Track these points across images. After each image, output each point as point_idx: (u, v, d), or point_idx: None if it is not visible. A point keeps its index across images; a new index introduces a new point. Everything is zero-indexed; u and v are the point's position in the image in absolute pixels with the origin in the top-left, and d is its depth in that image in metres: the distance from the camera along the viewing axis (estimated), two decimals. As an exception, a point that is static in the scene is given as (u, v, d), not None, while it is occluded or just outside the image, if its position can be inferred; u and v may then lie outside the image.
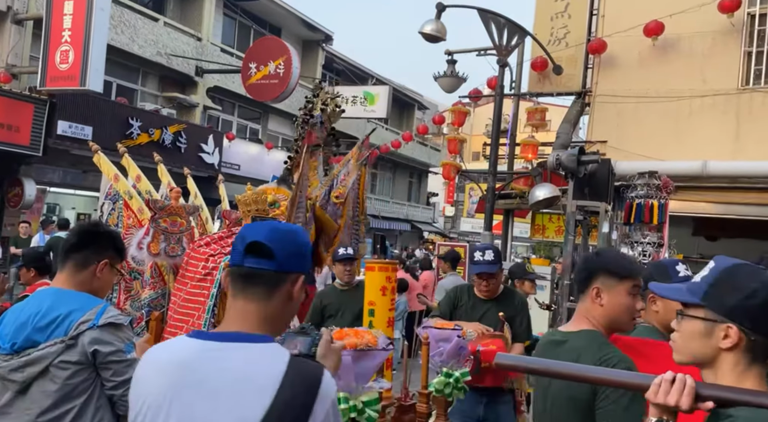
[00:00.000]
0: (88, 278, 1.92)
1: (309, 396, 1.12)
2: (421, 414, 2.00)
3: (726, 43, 7.35)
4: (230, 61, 15.05)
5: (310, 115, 2.72)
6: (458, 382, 2.15)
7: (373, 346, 1.58)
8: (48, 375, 1.75)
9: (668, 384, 1.15)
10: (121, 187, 2.79)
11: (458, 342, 2.21)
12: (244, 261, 1.23)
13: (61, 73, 9.34)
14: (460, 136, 8.80)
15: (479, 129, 26.28)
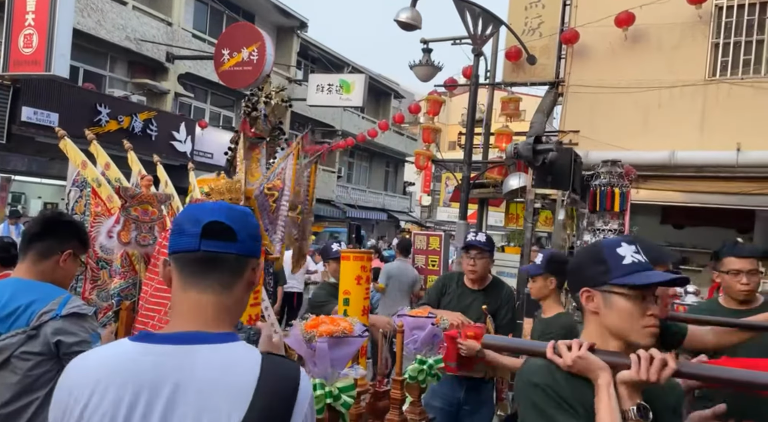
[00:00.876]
0: (50, 268, 1.87)
1: (287, 402, 0.99)
2: (395, 400, 2.03)
3: (694, 35, 7.51)
4: (202, 47, 14.74)
5: (254, 108, 2.71)
6: (432, 369, 2.18)
7: (348, 333, 1.59)
8: (9, 367, 1.71)
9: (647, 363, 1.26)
10: (89, 175, 2.72)
11: (432, 329, 2.24)
12: (200, 245, 1.04)
13: (25, 57, 9.03)
14: (435, 125, 8.82)
15: (455, 118, 26.38)
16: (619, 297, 1.35)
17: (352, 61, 21.43)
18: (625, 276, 1.35)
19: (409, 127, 25.77)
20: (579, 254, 1.49)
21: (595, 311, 1.39)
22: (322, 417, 1.57)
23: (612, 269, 1.36)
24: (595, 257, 1.40)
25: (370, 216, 24.07)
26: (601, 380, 1.28)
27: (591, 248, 1.46)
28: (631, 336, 1.35)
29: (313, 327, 1.59)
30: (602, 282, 1.37)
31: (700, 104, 7.41)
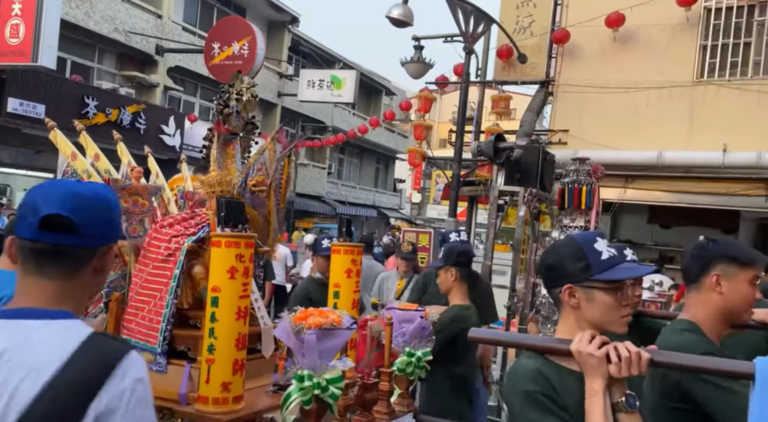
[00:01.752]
0: None
1: (101, 371, 0.97)
2: (383, 392, 2.06)
3: (683, 36, 7.59)
4: (192, 41, 14.62)
5: (226, 105, 2.75)
6: (420, 361, 2.22)
7: (337, 326, 1.61)
8: None
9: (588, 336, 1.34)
10: (79, 166, 2.69)
11: (421, 322, 2.27)
12: (38, 235, 1.01)
13: (11, 47, 8.89)
14: (426, 122, 8.84)
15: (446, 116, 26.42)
16: (601, 292, 1.41)
17: (344, 57, 21.37)
18: (605, 272, 1.40)
19: (399, 124, 25.78)
20: (555, 251, 1.50)
21: (576, 306, 1.43)
22: (310, 408, 1.59)
23: (593, 265, 1.41)
24: (574, 254, 1.43)
25: (360, 212, 24.07)
26: (597, 385, 1.31)
27: (568, 245, 1.48)
28: (611, 326, 1.42)
29: (301, 319, 1.61)
30: (584, 278, 1.41)
31: (688, 105, 7.50)
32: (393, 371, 2.12)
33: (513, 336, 1.59)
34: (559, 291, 1.44)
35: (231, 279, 1.75)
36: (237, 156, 2.83)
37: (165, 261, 2.18)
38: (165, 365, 2.06)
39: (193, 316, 2.18)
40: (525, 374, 1.37)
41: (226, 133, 2.73)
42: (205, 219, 2.32)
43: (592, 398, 1.30)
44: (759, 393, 1.25)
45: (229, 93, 2.78)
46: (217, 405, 1.72)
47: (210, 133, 2.82)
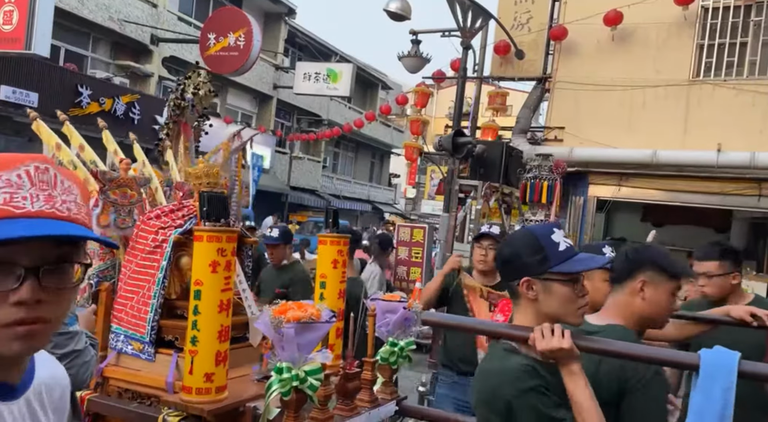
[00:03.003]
0: None
1: None
2: (366, 381, 2.07)
3: (680, 35, 7.59)
4: (188, 31, 14.51)
5: (182, 98, 2.77)
6: (403, 351, 2.24)
7: (316, 320, 1.62)
8: None
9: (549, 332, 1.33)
10: (64, 157, 2.68)
11: (403, 313, 2.29)
12: None
13: (5, 34, 8.79)
14: (422, 117, 8.81)
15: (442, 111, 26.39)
16: (558, 284, 1.40)
17: (340, 50, 21.28)
18: (562, 263, 1.40)
19: (395, 118, 25.73)
20: (511, 243, 1.49)
21: (534, 298, 1.41)
22: (289, 398, 1.61)
23: (550, 257, 1.40)
24: (531, 246, 1.42)
25: (354, 207, 24.06)
26: (575, 366, 1.32)
27: (525, 236, 1.46)
28: (568, 318, 1.42)
29: (281, 312, 1.62)
30: (542, 271, 1.40)
31: (684, 104, 7.52)
32: (376, 360, 2.13)
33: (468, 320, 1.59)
34: (516, 284, 1.43)
35: (213, 273, 1.75)
36: (190, 146, 2.89)
37: (152, 253, 2.17)
38: (153, 354, 2.06)
39: (181, 306, 2.18)
40: (520, 371, 1.34)
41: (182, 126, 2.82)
42: (192, 211, 2.31)
43: (573, 379, 1.31)
44: (702, 385, 1.29)
45: (186, 85, 2.84)
46: (200, 395, 1.73)
47: (166, 128, 2.87)
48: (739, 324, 2.20)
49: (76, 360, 1.73)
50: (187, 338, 1.77)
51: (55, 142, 2.70)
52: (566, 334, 1.33)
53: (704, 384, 1.28)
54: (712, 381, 1.28)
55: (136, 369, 2.05)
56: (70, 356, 1.72)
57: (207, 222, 1.84)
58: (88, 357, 1.77)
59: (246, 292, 2.27)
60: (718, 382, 1.27)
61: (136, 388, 2.02)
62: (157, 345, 2.07)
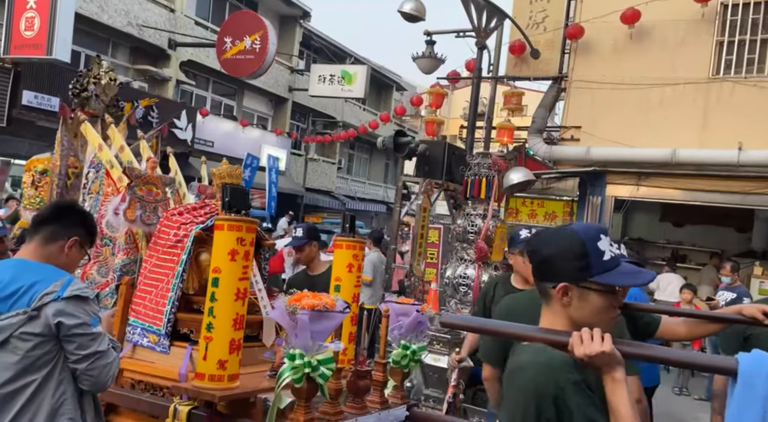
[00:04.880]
0: (55, 253, 1.87)
1: None
2: (377, 382, 2.08)
3: (698, 33, 7.48)
4: (204, 35, 14.68)
5: (84, 89, 2.87)
6: (415, 355, 2.24)
7: (330, 308, 1.63)
8: (9, 347, 1.71)
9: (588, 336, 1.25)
10: (104, 157, 2.82)
11: (417, 316, 2.28)
12: None
13: (27, 40, 8.99)
14: (438, 118, 8.79)
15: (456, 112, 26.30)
16: (596, 294, 1.33)
17: (355, 52, 21.36)
18: (605, 274, 1.32)
19: (410, 119, 25.70)
20: (553, 242, 1.37)
21: (567, 304, 1.35)
22: (300, 386, 1.62)
23: (593, 266, 1.32)
24: (575, 250, 1.33)
25: (369, 208, 24.08)
26: (619, 374, 1.25)
27: (570, 238, 1.36)
28: (598, 327, 1.33)
29: (296, 300, 1.65)
30: (582, 278, 1.33)
31: (703, 102, 7.39)
32: (387, 362, 2.13)
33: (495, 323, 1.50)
34: (551, 287, 1.35)
35: (231, 261, 1.77)
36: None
37: (173, 247, 2.22)
38: (168, 346, 2.09)
39: (197, 301, 2.21)
40: (565, 363, 1.28)
41: (88, 116, 2.94)
42: (214, 209, 2.36)
43: (616, 387, 1.24)
44: (740, 391, 1.21)
45: (87, 77, 2.96)
46: (213, 382, 1.75)
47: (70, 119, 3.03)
48: (751, 323, 2.15)
49: (98, 361, 1.74)
50: (203, 325, 1.79)
51: (98, 143, 2.84)
52: (607, 338, 1.26)
53: (743, 391, 1.21)
54: (752, 388, 1.20)
55: (150, 361, 2.08)
56: (93, 357, 1.74)
57: (228, 213, 1.87)
58: (110, 359, 1.78)
59: (262, 292, 2.30)
60: (758, 389, 1.19)
61: (150, 379, 2.05)
62: (172, 337, 2.10)
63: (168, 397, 1.91)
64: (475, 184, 4.09)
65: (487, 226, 4.06)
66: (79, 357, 1.74)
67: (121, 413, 2.02)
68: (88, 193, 2.82)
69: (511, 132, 8.69)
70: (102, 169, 2.78)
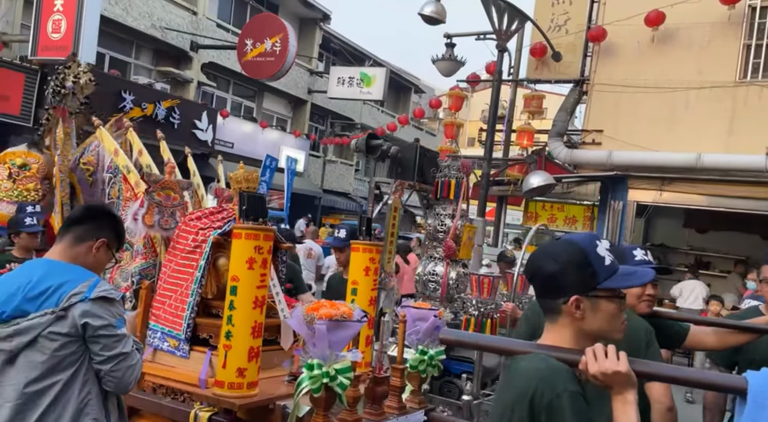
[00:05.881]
0: (83, 253, 1.89)
1: None
2: (395, 387, 2.07)
3: (725, 35, 7.32)
4: (226, 37, 14.83)
5: (62, 86, 2.90)
6: (432, 360, 2.22)
7: (348, 318, 1.62)
8: (36, 346, 1.73)
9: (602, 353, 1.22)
10: (120, 162, 2.84)
11: (434, 321, 2.27)
12: None
13: (53, 42, 9.17)
14: (457, 120, 8.75)
15: (475, 115, 26.17)
16: (606, 301, 1.32)
17: (374, 55, 21.38)
18: (611, 279, 1.31)
19: (427, 122, 25.65)
20: (555, 257, 1.34)
21: (580, 317, 1.32)
22: (319, 396, 1.61)
23: (598, 273, 1.31)
24: (579, 261, 1.32)
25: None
26: (631, 396, 1.22)
27: (570, 251, 1.34)
28: (612, 335, 1.33)
29: (313, 309, 1.64)
30: (591, 288, 1.31)
31: (729, 106, 7.24)
32: (405, 367, 2.12)
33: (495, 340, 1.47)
34: (562, 302, 1.33)
35: (249, 269, 1.77)
36: (72, 134, 3.08)
37: (192, 252, 2.22)
38: (188, 351, 2.10)
39: (216, 306, 2.22)
40: (565, 372, 1.26)
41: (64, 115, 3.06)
42: (231, 214, 2.37)
43: (626, 409, 1.21)
44: (749, 412, 1.17)
45: (66, 75, 3.01)
46: (232, 390, 1.75)
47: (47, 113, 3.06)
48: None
49: (122, 363, 1.76)
50: (222, 333, 1.79)
51: (114, 148, 2.85)
52: (622, 357, 1.23)
53: (751, 412, 1.16)
54: (761, 409, 1.16)
55: (171, 365, 2.09)
56: (117, 358, 1.75)
57: (246, 221, 1.87)
58: (134, 361, 1.79)
59: (279, 296, 2.30)
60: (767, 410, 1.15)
61: (170, 384, 2.06)
62: (191, 342, 2.11)
63: (188, 402, 1.92)
64: (445, 186, 4.29)
65: (455, 226, 4.23)
66: (104, 358, 1.75)
67: (143, 416, 2.04)
68: (108, 198, 2.85)
69: (531, 135, 8.62)
70: (119, 173, 2.80)
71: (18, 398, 1.70)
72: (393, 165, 5.16)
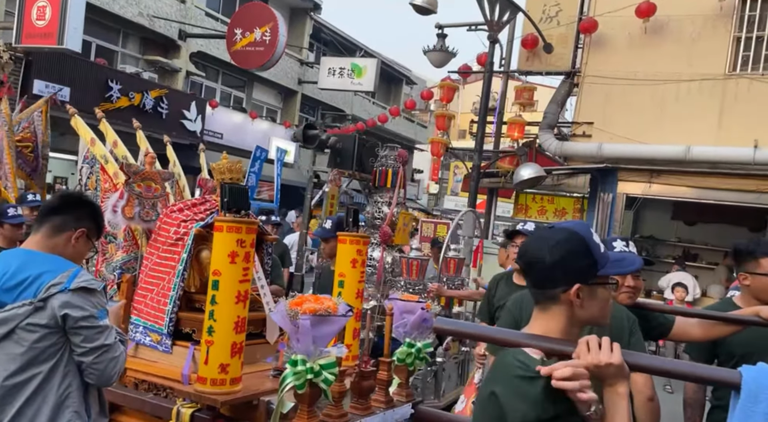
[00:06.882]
0: (62, 244, 1.85)
1: None
2: (382, 381, 2.04)
3: (716, 27, 7.32)
4: (215, 26, 14.64)
5: None
6: (420, 352, 2.20)
7: (332, 313, 1.60)
8: (14, 338, 1.69)
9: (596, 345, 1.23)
10: (97, 151, 2.77)
11: (422, 314, 2.25)
12: None
13: (38, 29, 8.97)
14: (448, 112, 8.71)
15: (466, 107, 26.14)
16: (602, 288, 1.35)
17: (365, 45, 21.23)
18: (606, 267, 1.34)
19: (419, 114, 25.57)
20: (557, 246, 1.33)
21: (579, 305, 1.32)
22: (303, 392, 1.59)
23: (598, 261, 1.33)
24: (580, 250, 1.33)
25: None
26: (623, 388, 1.22)
27: (571, 240, 1.34)
28: (602, 321, 1.37)
29: (297, 304, 1.61)
30: (592, 275, 1.33)
31: (719, 99, 7.26)
32: (392, 361, 2.09)
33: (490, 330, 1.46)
34: (561, 291, 1.32)
35: (231, 263, 1.73)
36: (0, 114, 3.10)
37: (174, 245, 2.18)
38: (170, 346, 2.06)
39: (199, 299, 2.18)
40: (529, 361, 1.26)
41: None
42: (214, 206, 2.32)
43: (617, 401, 1.21)
44: (743, 406, 1.17)
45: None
46: (215, 386, 1.72)
47: None
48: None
49: (105, 354, 1.72)
50: (204, 328, 1.76)
51: (90, 137, 2.79)
52: (615, 349, 1.23)
53: (745, 406, 1.15)
54: (755, 403, 1.15)
55: (153, 360, 2.05)
56: (99, 350, 1.71)
57: (227, 213, 1.83)
58: (117, 353, 1.75)
59: (265, 289, 2.26)
60: (762, 405, 1.14)
61: (153, 379, 2.02)
62: (174, 337, 2.07)
63: (171, 398, 1.89)
64: (382, 174, 4.47)
65: (391, 213, 4.37)
66: (85, 350, 1.72)
67: (125, 412, 2.00)
68: (84, 188, 2.79)
69: (522, 127, 8.61)
70: (96, 163, 2.74)
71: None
72: (333, 155, 5.36)
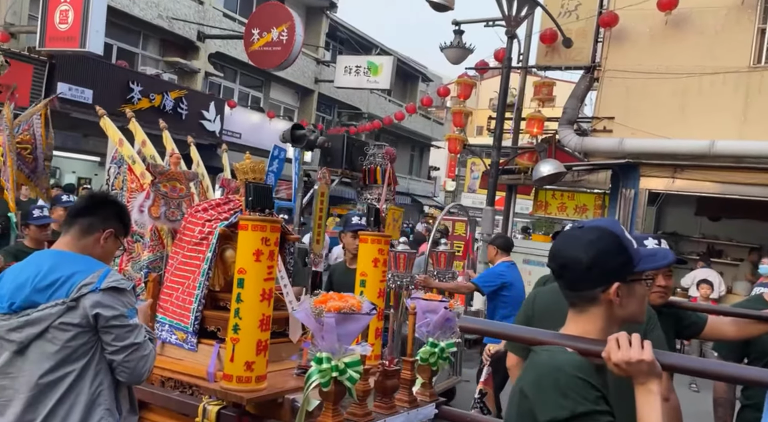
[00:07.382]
0: (91, 244, 1.89)
1: None
2: (405, 380, 2.04)
3: (739, 20, 7.16)
4: (232, 27, 14.76)
5: None
6: (443, 352, 2.20)
7: (356, 311, 1.60)
8: (47, 337, 1.73)
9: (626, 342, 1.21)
10: (125, 152, 2.82)
11: (445, 313, 2.24)
12: None
13: (61, 33, 9.16)
14: (465, 109, 8.66)
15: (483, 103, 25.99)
16: (639, 285, 1.32)
17: (381, 43, 21.21)
18: (641, 262, 1.31)
19: (435, 111, 25.48)
20: (591, 246, 1.29)
21: (618, 304, 1.29)
22: (328, 390, 1.60)
23: (633, 257, 1.31)
24: (616, 248, 1.30)
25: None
26: (655, 386, 1.20)
27: (604, 237, 1.31)
28: (640, 318, 1.34)
29: (322, 302, 1.62)
30: (629, 272, 1.30)
31: (743, 92, 7.10)
32: (416, 360, 2.09)
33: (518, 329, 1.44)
34: (600, 291, 1.29)
35: (256, 261, 1.75)
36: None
37: (198, 245, 2.21)
38: (196, 344, 2.09)
39: (224, 298, 2.20)
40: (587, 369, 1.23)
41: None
42: (238, 205, 2.35)
43: (650, 400, 1.19)
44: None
45: None
46: (240, 383, 1.74)
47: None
48: None
49: (135, 353, 1.75)
50: (230, 326, 1.78)
51: (118, 138, 2.84)
52: (646, 346, 1.20)
53: None
54: None
55: (178, 358, 2.08)
56: (129, 349, 1.74)
57: (252, 212, 1.85)
58: (147, 351, 1.78)
59: (287, 288, 2.28)
60: None
61: (178, 377, 2.05)
62: (199, 335, 2.10)
63: (197, 395, 1.92)
64: (371, 172, 4.61)
65: (381, 209, 4.47)
66: (116, 349, 1.75)
67: (152, 409, 2.04)
68: (111, 188, 2.84)
69: (541, 123, 8.52)
70: (124, 164, 2.79)
71: (32, 389, 1.71)
72: (323, 154, 5.50)
